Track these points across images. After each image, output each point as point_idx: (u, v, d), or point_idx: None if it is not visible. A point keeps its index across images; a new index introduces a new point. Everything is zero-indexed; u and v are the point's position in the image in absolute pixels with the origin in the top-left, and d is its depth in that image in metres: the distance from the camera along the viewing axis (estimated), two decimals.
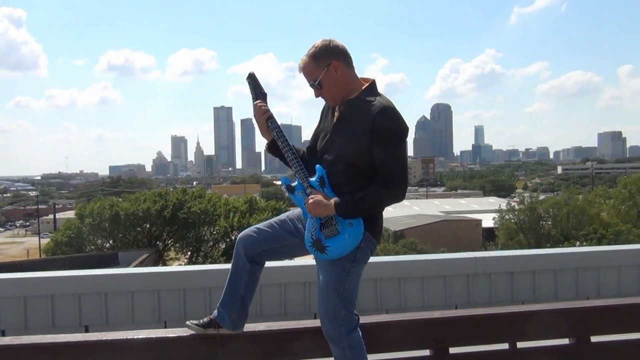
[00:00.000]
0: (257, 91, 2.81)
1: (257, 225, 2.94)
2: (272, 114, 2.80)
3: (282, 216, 2.95)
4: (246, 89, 2.85)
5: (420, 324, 3.15)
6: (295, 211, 2.90)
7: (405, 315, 3.34)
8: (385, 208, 2.75)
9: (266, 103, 2.81)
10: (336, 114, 2.74)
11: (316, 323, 3.02)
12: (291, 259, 3.65)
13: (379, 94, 2.67)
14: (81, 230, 30.94)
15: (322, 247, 2.63)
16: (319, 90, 2.70)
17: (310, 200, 2.62)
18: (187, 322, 2.91)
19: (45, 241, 35.79)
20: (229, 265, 4.94)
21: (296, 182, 2.73)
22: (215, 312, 2.90)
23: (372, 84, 2.72)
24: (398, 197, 2.62)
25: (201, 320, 2.90)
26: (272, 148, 2.87)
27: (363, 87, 2.70)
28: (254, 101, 2.81)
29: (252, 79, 2.81)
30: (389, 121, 2.56)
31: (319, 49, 2.66)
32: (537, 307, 3.48)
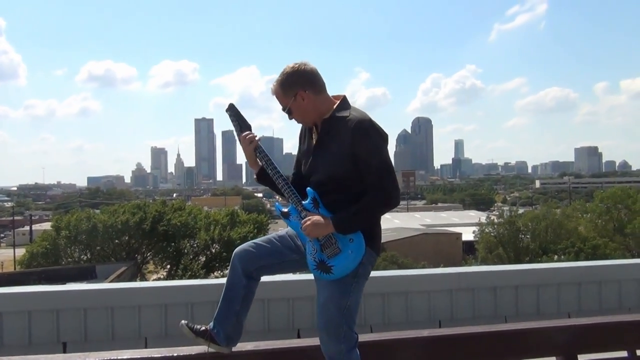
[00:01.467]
0: (241, 123, 2.80)
1: (255, 240, 2.91)
2: (259, 143, 2.81)
3: (282, 232, 2.94)
4: (227, 100, 2.85)
5: (409, 343, 3.14)
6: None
7: (395, 334, 3.32)
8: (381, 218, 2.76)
9: (251, 133, 2.81)
10: (314, 136, 2.77)
11: (304, 342, 3.00)
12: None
13: (351, 108, 2.70)
14: (57, 243, 30.37)
15: (327, 267, 2.60)
16: (290, 115, 2.75)
17: (308, 222, 2.60)
18: (182, 322, 2.85)
19: (20, 252, 35.03)
20: (211, 281, 4.91)
21: (289, 207, 2.72)
22: (211, 324, 2.84)
23: (343, 100, 2.75)
24: (392, 203, 2.62)
25: (196, 326, 2.84)
26: (261, 177, 2.89)
27: (335, 105, 2.72)
28: (238, 133, 2.81)
29: (233, 111, 2.80)
30: (367, 132, 2.58)
31: (287, 76, 2.69)
32: (526, 326, 3.48)
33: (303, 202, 2.67)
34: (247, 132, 2.79)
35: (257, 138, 2.80)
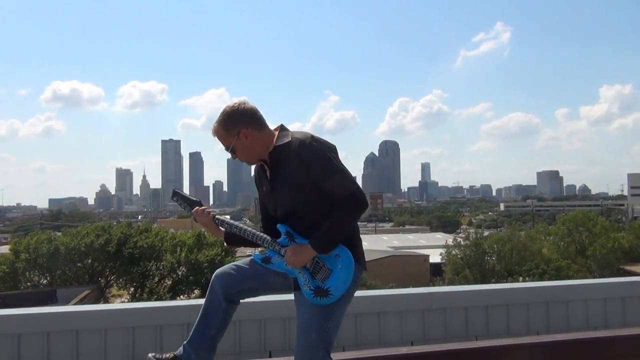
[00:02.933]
0: (189, 202, 2.88)
1: (235, 263, 2.87)
2: (214, 212, 2.85)
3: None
4: (195, 121, 2.88)
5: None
6: None
7: (374, 351, 3.31)
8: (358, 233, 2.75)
9: (203, 206, 2.86)
10: (268, 173, 2.75)
11: None
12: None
13: (291, 132, 2.70)
14: (16, 266, 29.31)
15: (324, 291, 2.57)
16: (234, 155, 2.74)
17: (288, 253, 2.58)
18: (150, 355, 2.77)
19: None
20: (180, 302, 4.81)
21: (267, 252, 2.71)
22: (181, 349, 2.78)
23: (282, 129, 2.74)
24: (360, 206, 2.61)
25: (164, 355, 2.77)
26: (229, 239, 2.89)
27: (275, 137, 2.71)
28: (190, 211, 2.85)
29: (178, 195, 2.89)
30: (312, 149, 2.57)
31: (227, 116, 2.70)
32: (510, 342, 3.51)
33: (278, 240, 2.66)
34: (197, 208, 2.83)
35: (209, 209, 2.84)
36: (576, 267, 34.28)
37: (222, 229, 2.83)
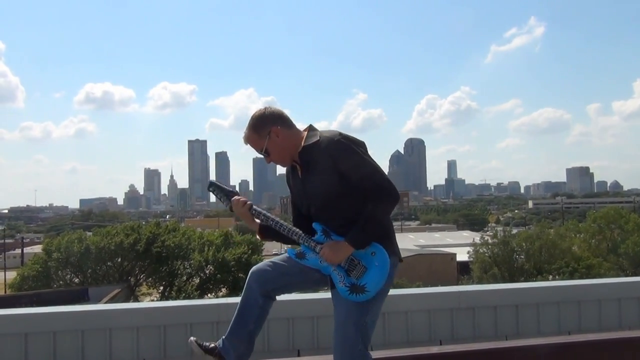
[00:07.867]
0: (226, 193, 2.87)
1: (271, 260, 2.90)
2: (251, 202, 2.85)
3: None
4: (223, 121, 2.90)
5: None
6: None
7: (404, 350, 3.31)
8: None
9: (240, 197, 2.86)
10: (298, 173, 2.79)
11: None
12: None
13: (319, 131, 2.74)
14: (48, 266, 30.07)
15: (360, 288, 2.59)
16: (268, 157, 2.77)
17: (326, 250, 2.61)
18: (191, 339, 2.83)
19: (11, 276, 34.63)
20: (210, 301, 4.86)
21: (302, 247, 2.72)
22: (220, 343, 2.81)
23: (310, 129, 2.79)
24: (391, 198, 2.62)
25: (205, 344, 2.81)
26: (263, 232, 2.89)
27: (304, 137, 2.76)
28: (227, 203, 2.85)
29: (214, 186, 2.89)
30: (341, 146, 2.61)
31: (257, 119, 2.76)
32: (540, 342, 3.47)
33: (314, 237, 2.68)
34: (235, 197, 2.84)
35: (245, 199, 2.83)
36: (608, 265, 33.57)
37: (258, 220, 2.84)
